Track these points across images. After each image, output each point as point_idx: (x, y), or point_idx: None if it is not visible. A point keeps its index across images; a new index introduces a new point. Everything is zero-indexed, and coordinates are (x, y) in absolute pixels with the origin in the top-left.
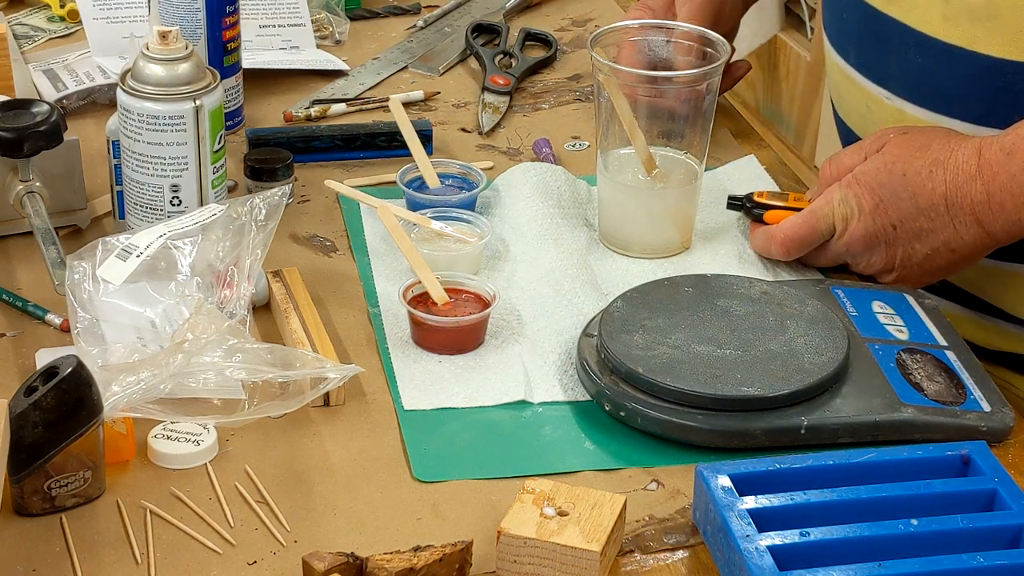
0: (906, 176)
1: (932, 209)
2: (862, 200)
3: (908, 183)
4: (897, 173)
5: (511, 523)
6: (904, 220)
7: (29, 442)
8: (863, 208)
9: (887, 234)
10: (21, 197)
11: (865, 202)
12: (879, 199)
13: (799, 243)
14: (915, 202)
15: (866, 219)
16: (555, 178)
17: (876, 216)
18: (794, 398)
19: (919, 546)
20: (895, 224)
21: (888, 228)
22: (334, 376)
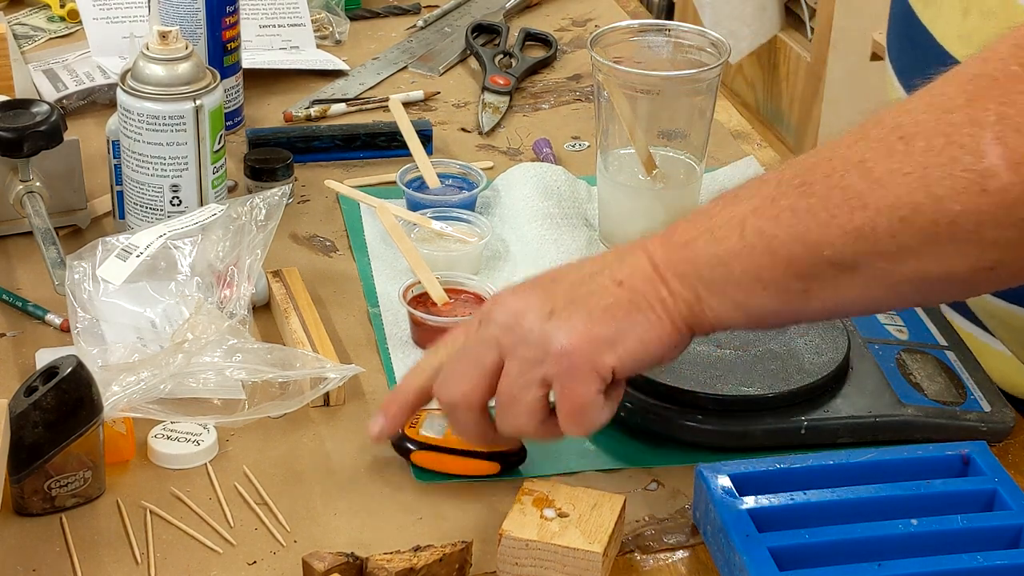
0: (571, 266)
1: (596, 265)
2: (489, 314)
3: (572, 266)
4: (560, 269)
5: (512, 525)
6: (565, 279)
7: (29, 442)
8: (486, 316)
9: (543, 284)
10: (21, 197)
11: (490, 311)
12: (536, 281)
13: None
14: (580, 271)
15: (522, 287)
16: (555, 178)
17: (535, 282)
18: (794, 398)
19: (919, 546)
20: (555, 278)
21: (548, 281)
22: (334, 376)
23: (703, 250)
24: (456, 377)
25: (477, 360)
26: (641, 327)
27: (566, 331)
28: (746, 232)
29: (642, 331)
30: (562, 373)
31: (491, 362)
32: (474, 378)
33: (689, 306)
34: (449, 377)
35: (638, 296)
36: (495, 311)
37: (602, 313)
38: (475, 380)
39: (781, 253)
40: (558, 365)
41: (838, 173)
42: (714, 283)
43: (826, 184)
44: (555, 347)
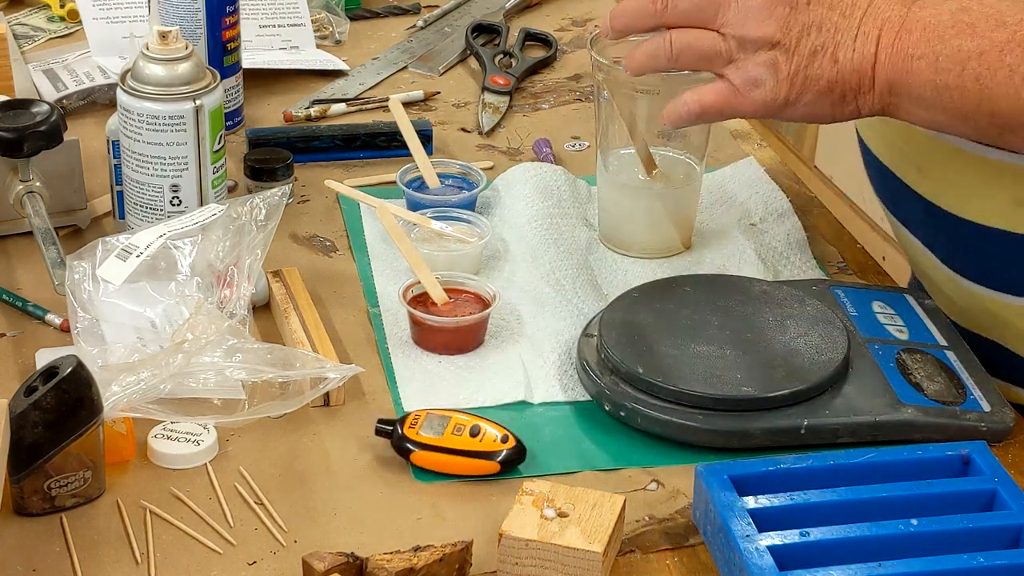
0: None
1: (852, 7)
2: None
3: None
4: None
5: (512, 525)
6: (821, 2)
7: (29, 442)
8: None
9: (797, 3)
10: (21, 197)
11: None
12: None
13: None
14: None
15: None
16: (555, 178)
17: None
18: (794, 398)
19: (919, 546)
20: (811, 0)
21: (802, 0)
22: (334, 376)
23: (923, 73)
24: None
25: (709, 2)
26: (820, 108)
27: (770, 71)
28: (966, 73)
29: (818, 111)
30: (737, 86)
31: (711, 16)
32: (695, 2)
33: (885, 106)
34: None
35: (842, 85)
36: (739, 1)
37: (803, 80)
38: (696, 1)
39: (989, 104)
40: (740, 85)
41: None
42: (923, 101)
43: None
44: (752, 75)
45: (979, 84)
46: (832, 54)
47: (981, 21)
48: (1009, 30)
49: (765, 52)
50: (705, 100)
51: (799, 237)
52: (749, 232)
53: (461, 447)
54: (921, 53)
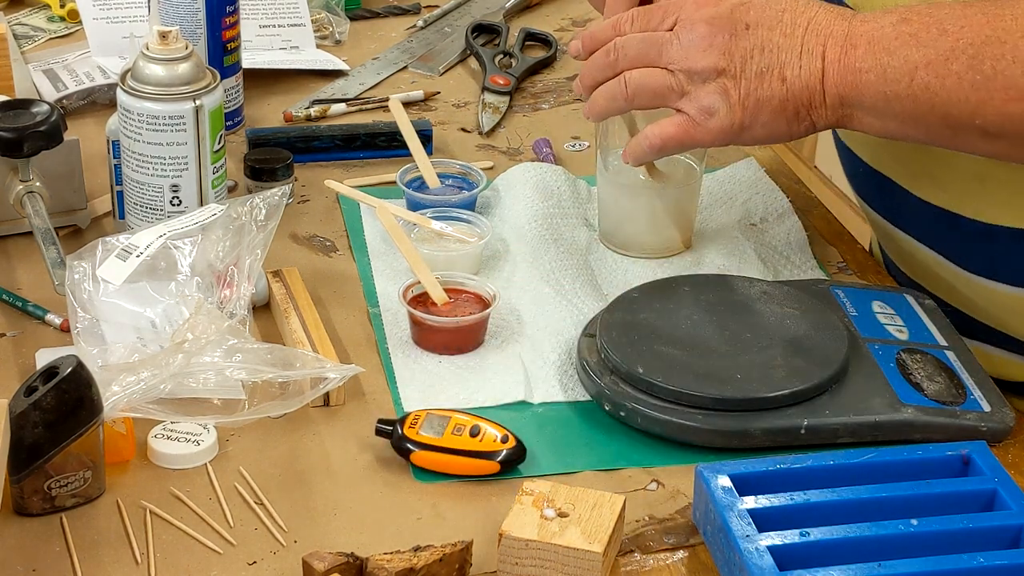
0: (769, 13)
1: (792, 25)
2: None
3: (784, 1)
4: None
5: (512, 525)
6: (760, 25)
7: (29, 442)
8: (725, 0)
9: (736, 29)
10: (21, 197)
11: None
12: (748, 0)
13: (646, 13)
14: (782, 16)
15: (722, 8)
16: (555, 178)
17: (736, 9)
18: (794, 398)
19: (919, 546)
20: (749, 24)
21: (741, 24)
22: (334, 376)
23: (873, 85)
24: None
25: (652, 42)
26: (777, 127)
27: (721, 98)
28: (915, 83)
29: (775, 130)
30: (693, 116)
31: (656, 56)
32: (640, 45)
33: (839, 119)
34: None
35: (794, 102)
36: (683, 28)
37: (754, 103)
38: (640, 46)
39: (940, 110)
40: (695, 116)
41: (1007, 60)
42: (875, 110)
43: (993, 67)
44: (704, 105)
45: (929, 92)
46: (779, 73)
47: (923, 31)
48: (952, 38)
49: (713, 81)
50: (665, 133)
51: (799, 237)
52: (749, 232)
53: (461, 447)
54: (868, 66)
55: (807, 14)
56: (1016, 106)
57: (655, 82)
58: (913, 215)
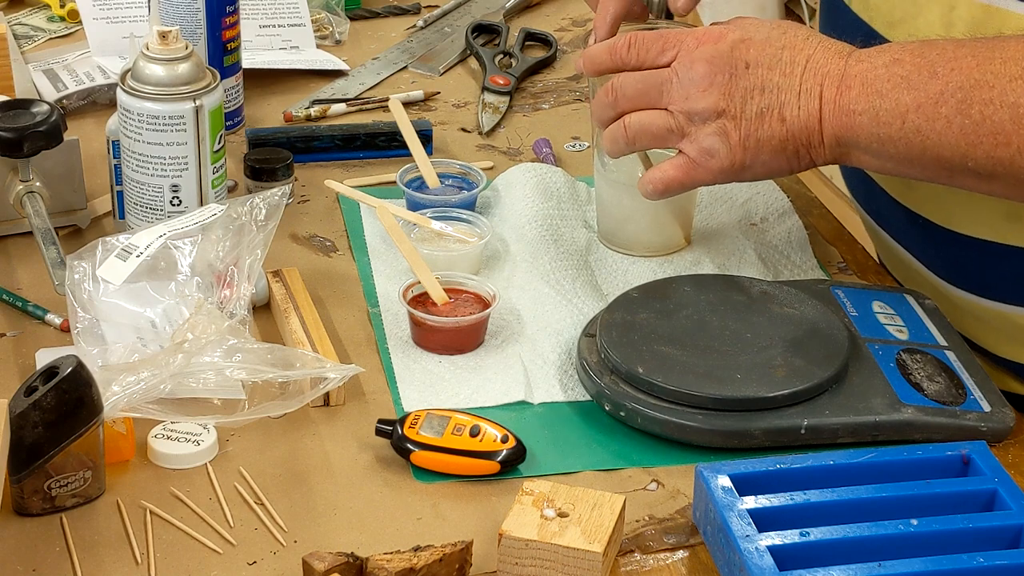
0: (786, 34)
1: (791, 64)
2: (729, 30)
3: (784, 37)
4: (777, 29)
5: (512, 525)
6: (760, 64)
7: (29, 442)
8: (724, 36)
9: (736, 68)
10: (21, 197)
11: (731, 33)
12: (749, 36)
13: (645, 43)
14: (781, 54)
15: (722, 46)
16: (554, 179)
17: (736, 48)
18: (794, 398)
19: (919, 546)
20: (749, 63)
21: (741, 64)
22: (334, 376)
23: (866, 127)
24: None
25: (651, 82)
26: (777, 165)
27: (721, 140)
28: (906, 126)
29: (775, 168)
30: (694, 158)
31: (656, 97)
32: (639, 85)
33: (836, 156)
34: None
35: (794, 142)
36: (682, 66)
37: (755, 143)
38: (639, 87)
39: (932, 152)
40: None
41: (994, 104)
42: (870, 151)
43: (981, 112)
44: (705, 146)
45: (920, 135)
46: (779, 114)
47: (914, 73)
48: (941, 81)
49: (713, 122)
50: (668, 177)
51: (799, 237)
52: (749, 232)
53: (461, 447)
54: (862, 108)
55: (806, 51)
56: (1004, 151)
57: (655, 125)
58: (891, 215)
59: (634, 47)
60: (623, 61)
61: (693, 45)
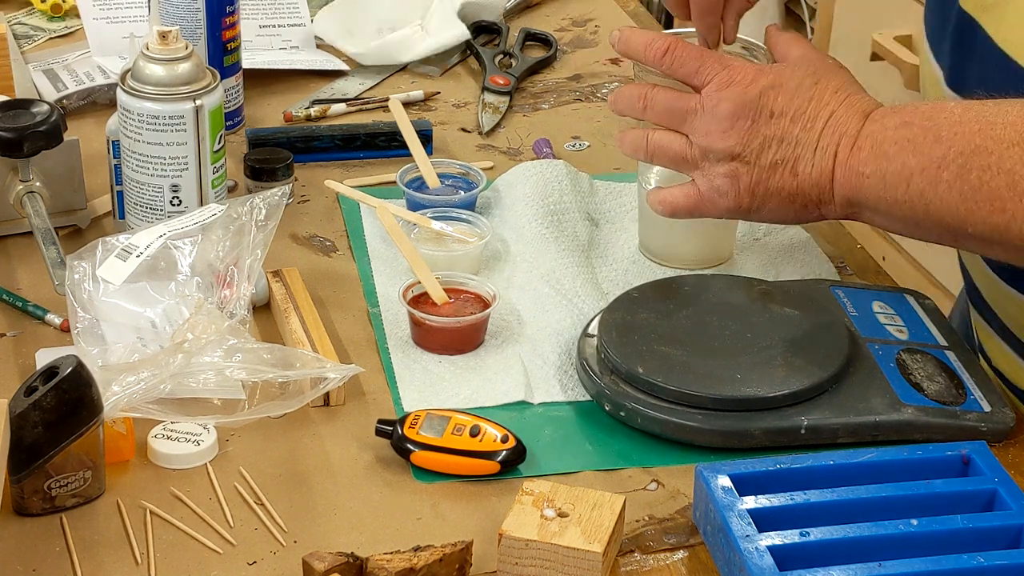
0: (817, 84)
1: (814, 119)
2: (762, 75)
3: (815, 88)
4: (811, 77)
5: (512, 525)
6: (784, 115)
7: (29, 442)
8: (757, 80)
9: (760, 116)
10: (21, 197)
11: (764, 77)
12: (781, 83)
13: (681, 57)
14: (807, 106)
15: (751, 90)
16: (555, 173)
17: (765, 94)
18: (794, 398)
19: (919, 546)
20: (774, 112)
21: (766, 112)
22: (334, 376)
23: (874, 190)
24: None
25: (678, 106)
26: (785, 215)
27: (731, 183)
28: (911, 189)
29: (783, 217)
30: (703, 192)
31: (679, 122)
32: (668, 105)
33: (847, 214)
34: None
35: (803, 197)
36: (710, 100)
37: (764, 192)
38: (668, 106)
39: (935, 216)
40: (705, 191)
41: (992, 171)
42: (879, 212)
43: (980, 177)
44: (715, 185)
45: (924, 200)
46: (792, 168)
47: (920, 136)
48: (944, 146)
49: (727, 163)
50: (676, 202)
51: (800, 237)
52: (750, 232)
53: (461, 447)
54: (870, 171)
55: (831, 106)
56: (1000, 217)
57: (674, 149)
58: None
59: (670, 55)
60: (654, 62)
61: (724, 82)
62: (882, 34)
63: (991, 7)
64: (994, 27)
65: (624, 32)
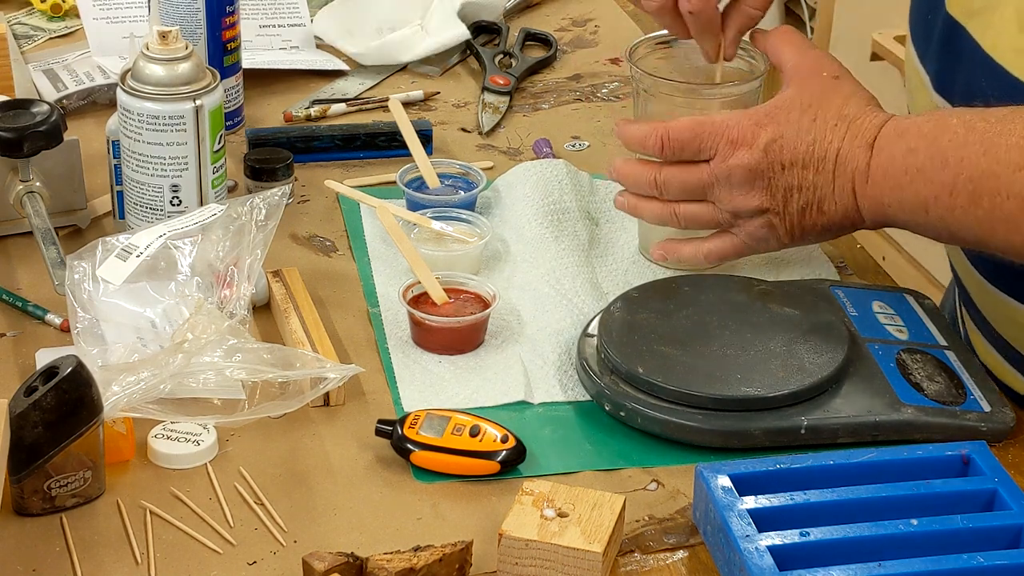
0: (815, 121)
1: (823, 161)
2: (761, 128)
3: (815, 128)
4: (808, 116)
5: (512, 525)
6: (795, 164)
7: (29, 442)
8: (757, 137)
9: (774, 171)
10: (21, 197)
11: (763, 132)
12: (780, 134)
13: (679, 144)
14: (812, 150)
15: (756, 152)
16: (556, 173)
17: (770, 150)
18: (794, 398)
19: (919, 546)
20: (784, 165)
21: (777, 166)
22: (334, 376)
23: (898, 216)
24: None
25: (692, 183)
26: (826, 238)
27: (770, 231)
28: (930, 215)
29: (824, 240)
30: (745, 241)
31: (700, 194)
32: (682, 186)
33: (875, 227)
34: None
35: (837, 227)
36: (722, 172)
37: (800, 232)
38: (682, 187)
39: (959, 236)
40: (747, 240)
41: (1002, 195)
42: (909, 229)
43: (992, 202)
44: (755, 235)
45: (944, 223)
46: (819, 208)
47: (928, 163)
48: (952, 171)
49: (759, 217)
50: (722, 252)
51: None
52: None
53: (461, 447)
54: (889, 201)
55: (835, 143)
56: (1018, 237)
57: (705, 217)
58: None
59: (667, 147)
60: (655, 155)
61: (728, 150)
62: (882, 34)
63: (978, 13)
64: (981, 33)
65: (620, 129)
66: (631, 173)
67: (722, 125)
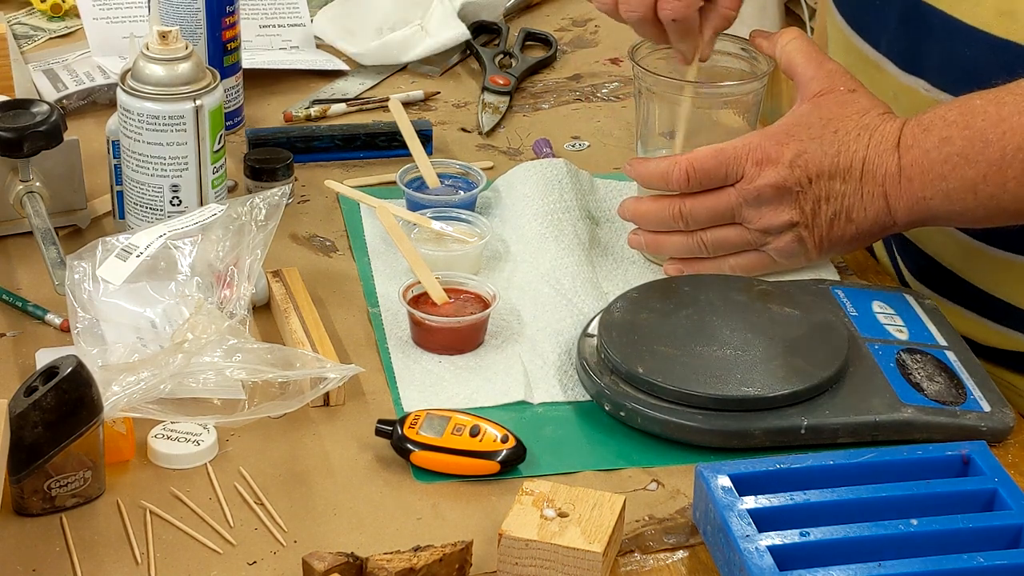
0: (836, 133)
1: (848, 171)
2: (783, 146)
3: (837, 140)
4: (829, 129)
5: (512, 525)
6: (821, 176)
7: (29, 442)
8: (782, 155)
9: (801, 185)
10: (21, 197)
11: (786, 150)
12: (803, 149)
13: (704, 175)
14: (836, 160)
15: (782, 168)
16: (556, 172)
17: (795, 166)
18: (794, 398)
19: (919, 546)
20: (811, 178)
21: (804, 180)
22: (334, 376)
23: (939, 207)
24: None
25: (720, 209)
26: (857, 246)
27: (800, 245)
28: (979, 196)
29: (855, 248)
30: (775, 257)
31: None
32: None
33: (909, 227)
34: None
35: (868, 235)
36: (749, 193)
37: (830, 243)
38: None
39: (1011, 209)
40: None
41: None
42: (950, 221)
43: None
44: (786, 250)
45: (994, 200)
46: (847, 217)
47: (968, 147)
48: (997, 147)
49: (789, 232)
50: (750, 266)
51: None
52: None
53: (461, 447)
54: (931, 194)
55: (860, 152)
56: None
57: (733, 239)
58: None
59: (694, 178)
60: (679, 188)
61: (755, 171)
62: None
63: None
64: (950, 5)
65: (636, 168)
66: (649, 211)
67: (744, 148)
